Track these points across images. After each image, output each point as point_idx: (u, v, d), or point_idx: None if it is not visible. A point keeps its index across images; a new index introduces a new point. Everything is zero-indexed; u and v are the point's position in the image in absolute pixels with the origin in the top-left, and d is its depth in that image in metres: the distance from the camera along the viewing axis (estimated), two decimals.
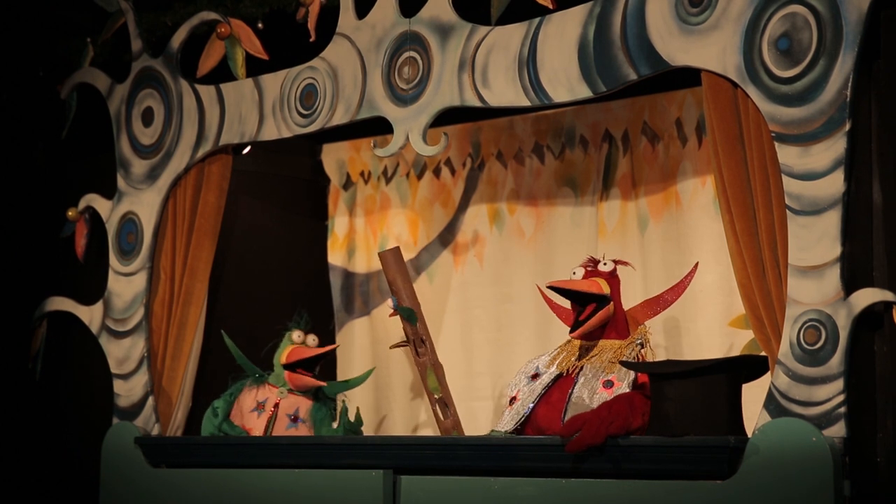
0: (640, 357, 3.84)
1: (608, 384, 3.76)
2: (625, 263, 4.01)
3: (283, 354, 4.40)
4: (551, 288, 3.92)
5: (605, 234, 4.46)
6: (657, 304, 3.95)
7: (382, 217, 4.99)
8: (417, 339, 4.30)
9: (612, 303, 3.88)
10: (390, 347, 4.42)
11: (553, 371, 3.90)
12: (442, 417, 4.27)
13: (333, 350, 4.53)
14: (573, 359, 3.88)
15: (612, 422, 3.50)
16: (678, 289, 3.95)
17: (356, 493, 3.89)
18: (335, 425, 4.38)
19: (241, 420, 4.37)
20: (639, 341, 3.83)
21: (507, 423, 3.88)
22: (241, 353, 4.46)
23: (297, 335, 4.43)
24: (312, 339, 4.44)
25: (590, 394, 3.77)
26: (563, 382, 3.86)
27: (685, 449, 3.39)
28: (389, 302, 4.35)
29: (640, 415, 3.57)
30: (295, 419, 4.37)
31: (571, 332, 3.89)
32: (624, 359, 3.78)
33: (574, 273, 3.96)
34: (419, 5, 4.09)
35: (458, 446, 3.86)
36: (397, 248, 4.41)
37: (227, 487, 4.19)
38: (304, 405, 4.39)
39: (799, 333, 3.37)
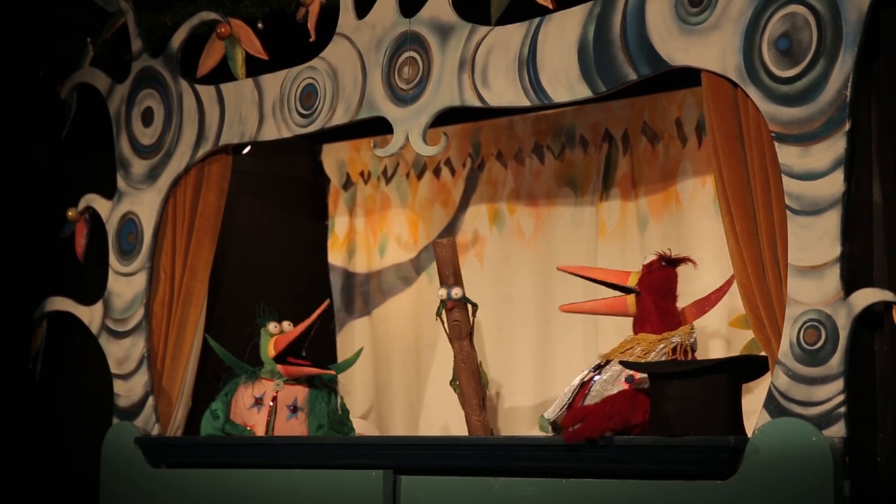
0: (680, 355, 3.81)
1: (630, 379, 3.76)
2: (673, 258, 3.95)
3: (269, 348, 4.39)
4: (573, 273, 4.01)
5: (605, 234, 4.46)
6: (705, 305, 3.93)
7: (382, 217, 4.99)
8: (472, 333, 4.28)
9: (631, 295, 3.87)
10: (436, 317, 4.36)
11: (597, 361, 3.91)
12: (479, 414, 4.25)
13: (318, 319, 4.37)
14: (618, 351, 3.87)
15: (613, 417, 3.54)
16: (721, 291, 3.92)
17: (356, 493, 3.89)
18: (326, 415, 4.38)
19: (241, 418, 4.37)
20: (674, 339, 3.80)
21: (553, 411, 3.87)
22: (228, 354, 4.45)
23: (272, 327, 4.40)
24: (288, 325, 4.42)
25: (611, 387, 3.76)
26: (596, 372, 3.86)
27: (685, 449, 3.40)
28: (456, 291, 4.26)
29: (641, 412, 3.58)
30: (294, 409, 4.37)
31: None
32: (654, 355, 3.77)
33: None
34: (419, 5, 4.09)
35: (458, 446, 3.86)
36: (453, 239, 4.36)
37: (227, 487, 4.19)
38: (301, 393, 4.38)
39: (799, 333, 3.37)
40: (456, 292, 4.24)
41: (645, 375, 3.69)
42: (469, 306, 4.26)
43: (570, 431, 3.54)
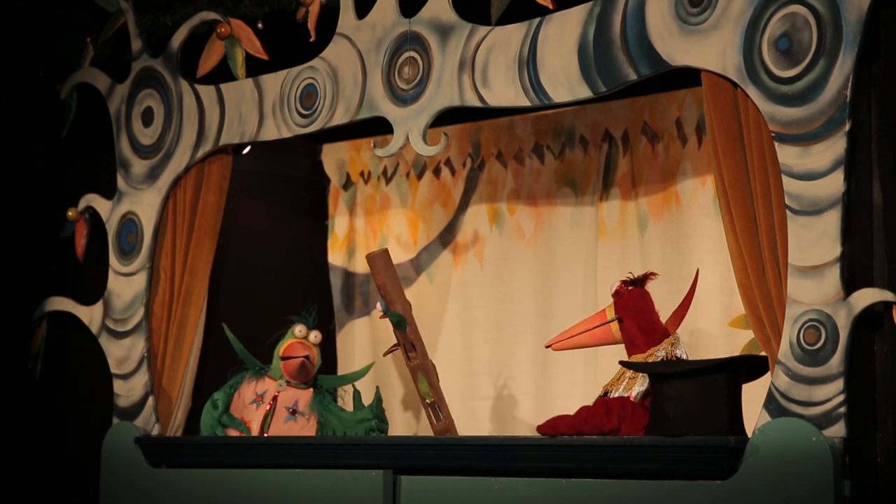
0: None
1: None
2: (636, 278, 3.93)
3: (283, 347, 4.39)
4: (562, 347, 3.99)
5: (605, 234, 4.46)
6: (681, 311, 3.93)
7: (382, 217, 4.99)
8: (408, 344, 4.26)
9: (614, 323, 3.86)
10: (383, 354, 4.39)
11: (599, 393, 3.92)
12: (434, 420, 4.25)
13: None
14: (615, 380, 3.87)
15: (587, 421, 3.61)
16: (691, 292, 3.93)
17: (356, 493, 3.89)
18: (350, 409, 4.37)
19: (240, 412, 4.37)
20: (659, 352, 3.80)
21: None
22: (243, 347, 4.45)
23: (299, 329, 4.40)
24: (315, 336, 4.42)
25: None
26: None
27: (685, 449, 3.40)
28: (378, 305, 4.30)
29: (615, 418, 3.63)
30: (293, 412, 4.36)
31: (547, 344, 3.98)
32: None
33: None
34: (419, 5, 4.09)
35: (458, 446, 3.86)
36: (385, 251, 4.33)
37: (227, 487, 4.19)
38: (303, 398, 4.38)
39: (799, 333, 3.37)
40: (378, 306, 4.25)
41: (640, 391, 3.71)
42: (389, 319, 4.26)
43: (544, 424, 3.63)
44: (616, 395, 3.78)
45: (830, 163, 3.36)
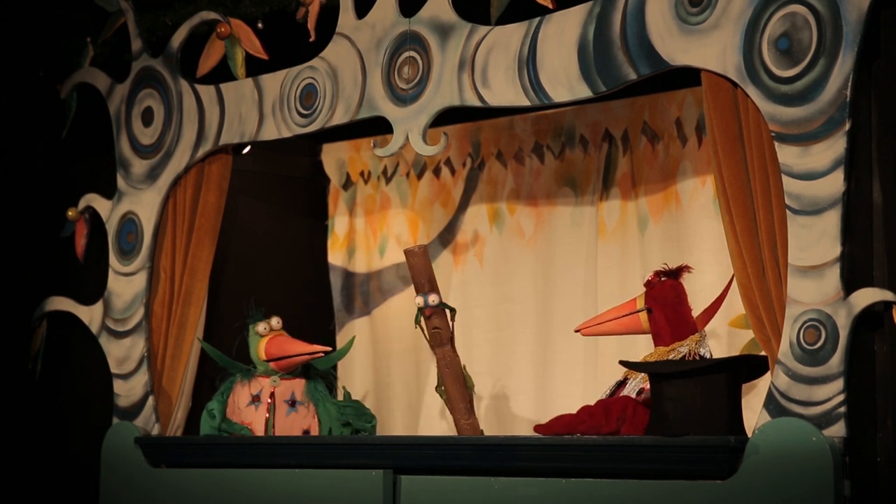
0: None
1: (640, 392, 3.78)
2: (671, 269, 3.92)
3: (260, 350, 4.38)
4: (590, 333, 3.96)
5: (605, 233, 4.46)
6: (711, 311, 3.93)
7: (382, 217, 4.99)
8: (451, 338, 4.25)
9: (643, 312, 3.85)
10: (415, 325, 4.27)
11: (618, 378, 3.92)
12: (470, 417, 4.23)
13: (316, 353, 4.40)
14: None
15: (584, 422, 3.66)
16: (724, 295, 3.93)
17: (356, 493, 3.89)
18: (340, 398, 4.37)
19: (238, 417, 4.37)
20: (682, 349, 3.79)
21: None
22: (222, 355, 4.44)
23: (262, 327, 4.40)
24: (276, 322, 4.41)
25: None
26: (619, 388, 3.87)
27: (685, 449, 3.40)
28: (433, 298, 4.20)
29: (614, 420, 3.65)
30: (293, 403, 4.36)
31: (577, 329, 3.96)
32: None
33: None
34: (419, 5, 4.09)
35: (458, 446, 3.86)
36: (425, 247, 4.34)
37: (227, 487, 4.19)
38: (298, 387, 4.38)
39: (799, 333, 3.37)
40: (433, 299, 4.19)
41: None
42: (447, 311, 4.23)
43: (543, 425, 3.70)
44: (633, 384, 3.78)
45: (830, 162, 3.36)
